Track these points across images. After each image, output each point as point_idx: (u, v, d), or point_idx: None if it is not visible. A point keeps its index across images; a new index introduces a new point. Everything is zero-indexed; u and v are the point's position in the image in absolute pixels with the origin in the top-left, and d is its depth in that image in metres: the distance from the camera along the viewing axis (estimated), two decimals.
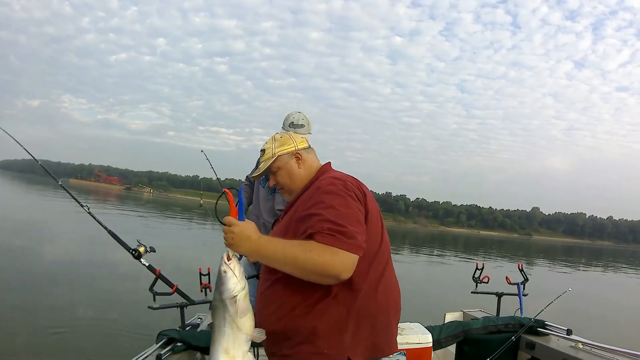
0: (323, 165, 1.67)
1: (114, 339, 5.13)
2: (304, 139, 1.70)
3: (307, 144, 1.69)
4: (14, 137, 2.75)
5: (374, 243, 1.44)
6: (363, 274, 1.37)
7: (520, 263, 3.92)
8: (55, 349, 4.93)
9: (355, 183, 1.48)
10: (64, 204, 23.65)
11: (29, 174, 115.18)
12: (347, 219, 1.31)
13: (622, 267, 32.20)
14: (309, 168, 1.63)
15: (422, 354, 2.59)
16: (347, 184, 1.44)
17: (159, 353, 2.17)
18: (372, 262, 1.42)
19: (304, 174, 1.61)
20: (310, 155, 1.67)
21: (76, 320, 5.96)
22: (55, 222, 18.68)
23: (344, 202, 1.36)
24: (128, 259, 2.51)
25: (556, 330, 2.96)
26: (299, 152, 1.63)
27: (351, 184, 1.45)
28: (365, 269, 1.38)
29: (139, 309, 5.44)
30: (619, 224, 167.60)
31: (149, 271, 2.49)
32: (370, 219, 1.44)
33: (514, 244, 64.54)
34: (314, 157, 1.68)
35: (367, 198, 1.47)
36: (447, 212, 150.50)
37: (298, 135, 1.70)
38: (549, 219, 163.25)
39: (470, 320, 3.23)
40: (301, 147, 1.65)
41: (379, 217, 1.51)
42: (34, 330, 5.38)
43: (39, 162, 2.88)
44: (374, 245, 1.44)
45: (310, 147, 1.69)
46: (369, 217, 1.43)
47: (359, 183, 1.52)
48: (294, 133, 1.74)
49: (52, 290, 7.48)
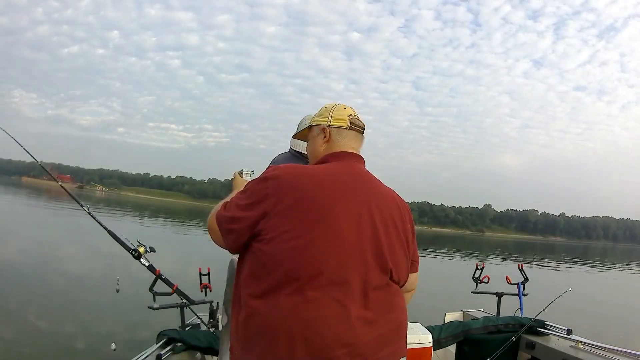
0: (329, 154, 1.42)
1: (114, 339, 5.08)
2: (350, 118, 1.45)
3: (347, 125, 1.44)
4: (14, 138, 2.73)
5: (277, 251, 1.18)
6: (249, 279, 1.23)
7: (520, 263, 3.93)
8: (55, 349, 4.91)
9: (264, 178, 1.28)
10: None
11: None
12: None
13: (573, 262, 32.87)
14: (329, 150, 1.44)
15: (422, 354, 2.58)
16: (256, 180, 1.31)
17: (159, 353, 2.17)
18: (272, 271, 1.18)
19: (321, 153, 1.45)
20: (345, 139, 1.43)
21: (76, 320, 5.95)
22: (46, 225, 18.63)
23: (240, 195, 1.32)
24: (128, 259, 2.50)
25: (556, 330, 2.97)
26: (327, 129, 1.44)
27: (259, 180, 1.29)
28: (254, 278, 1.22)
29: (139, 309, 5.42)
30: (571, 220, 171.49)
31: (149, 271, 2.48)
32: (278, 215, 1.20)
33: (467, 241, 64.70)
34: (347, 142, 1.44)
35: (281, 191, 1.22)
36: None
37: (346, 111, 1.46)
38: (500, 216, 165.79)
39: (470, 320, 3.23)
40: (335, 124, 1.44)
41: (304, 227, 1.19)
42: (33, 330, 5.37)
43: (39, 162, 2.86)
44: (277, 255, 1.18)
45: (349, 129, 1.44)
46: (273, 213, 1.20)
47: (281, 177, 1.25)
48: (347, 108, 1.49)
49: (52, 290, 7.48)
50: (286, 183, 1.23)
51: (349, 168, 1.36)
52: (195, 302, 2.61)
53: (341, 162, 1.38)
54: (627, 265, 34.09)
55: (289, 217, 1.19)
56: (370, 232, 1.25)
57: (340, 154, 1.41)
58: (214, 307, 2.64)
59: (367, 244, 1.24)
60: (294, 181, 1.24)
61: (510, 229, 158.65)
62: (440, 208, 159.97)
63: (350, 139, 1.44)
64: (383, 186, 1.40)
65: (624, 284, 21.02)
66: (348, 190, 1.27)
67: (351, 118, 1.45)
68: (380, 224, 1.28)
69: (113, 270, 9.01)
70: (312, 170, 1.33)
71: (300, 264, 1.16)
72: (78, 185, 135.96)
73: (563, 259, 36.04)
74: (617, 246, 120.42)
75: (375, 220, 1.27)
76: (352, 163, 1.40)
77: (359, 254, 1.22)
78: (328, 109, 1.47)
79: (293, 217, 1.19)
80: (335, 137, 1.43)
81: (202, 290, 2.71)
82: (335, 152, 1.42)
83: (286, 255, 1.16)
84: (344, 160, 1.39)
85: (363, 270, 1.22)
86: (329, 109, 1.47)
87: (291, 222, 1.19)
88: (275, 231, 1.19)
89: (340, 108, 1.47)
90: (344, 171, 1.33)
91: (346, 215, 1.23)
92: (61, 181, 3.02)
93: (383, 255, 1.26)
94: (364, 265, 1.22)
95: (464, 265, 19.34)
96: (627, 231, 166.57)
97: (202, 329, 2.63)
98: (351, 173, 1.34)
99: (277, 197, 1.21)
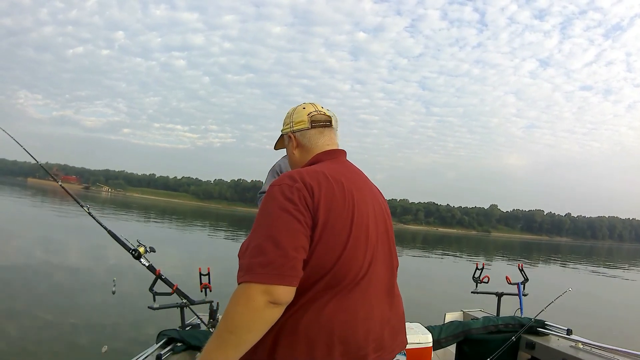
0: (316, 155, 1.35)
1: (114, 339, 5.13)
2: (310, 116, 1.37)
3: (307, 125, 1.36)
4: (14, 138, 2.76)
5: (325, 261, 1.12)
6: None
7: (520, 263, 3.92)
8: (55, 349, 4.93)
9: (297, 186, 1.14)
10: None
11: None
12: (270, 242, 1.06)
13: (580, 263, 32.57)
14: (304, 154, 1.37)
15: (422, 354, 2.58)
16: (282, 188, 1.14)
17: (159, 353, 2.17)
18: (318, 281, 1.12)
19: (299, 160, 1.38)
20: (313, 138, 1.36)
21: (76, 320, 5.97)
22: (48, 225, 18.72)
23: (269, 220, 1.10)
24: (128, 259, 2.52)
25: (556, 330, 2.96)
26: (292, 135, 1.38)
27: (288, 189, 1.13)
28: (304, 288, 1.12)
29: (139, 309, 5.45)
30: (577, 220, 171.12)
31: (149, 271, 2.49)
32: (324, 230, 1.12)
33: (473, 241, 64.59)
34: (317, 142, 1.36)
35: (320, 204, 1.13)
36: (405, 210, 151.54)
37: (305, 111, 1.38)
38: (507, 216, 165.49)
39: (470, 320, 3.22)
40: (297, 128, 1.37)
41: (344, 231, 1.15)
42: (32, 331, 5.39)
43: (39, 162, 2.88)
44: (325, 263, 1.12)
45: (314, 129, 1.37)
46: (318, 228, 1.12)
47: (312, 183, 1.15)
48: (306, 107, 1.41)
49: (53, 289, 7.52)
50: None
51: (346, 166, 1.34)
52: (195, 302, 2.61)
53: (335, 160, 1.35)
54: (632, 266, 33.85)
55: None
56: (383, 228, 1.29)
57: (319, 157, 1.34)
58: (214, 307, 2.64)
59: (383, 241, 1.27)
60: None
61: (516, 229, 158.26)
62: (447, 208, 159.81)
63: (319, 137, 1.37)
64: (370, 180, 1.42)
65: (625, 284, 20.87)
66: (358, 189, 1.26)
67: (311, 116, 1.37)
68: (388, 219, 1.34)
69: (115, 270, 9.09)
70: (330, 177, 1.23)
71: (338, 268, 1.13)
72: (84, 186, 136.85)
73: (567, 259, 35.92)
74: (622, 246, 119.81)
75: (384, 216, 1.32)
76: (341, 160, 1.37)
77: (382, 251, 1.25)
78: (289, 115, 1.42)
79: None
80: (302, 140, 1.37)
81: (202, 290, 2.72)
82: (317, 154, 1.35)
83: (326, 262, 1.13)
84: (337, 158, 1.36)
85: (385, 266, 1.26)
86: (290, 114, 1.41)
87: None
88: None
89: (299, 110, 1.40)
90: (343, 171, 1.31)
91: (367, 214, 1.23)
92: (62, 181, 3.03)
93: (393, 250, 1.32)
94: (385, 262, 1.27)
95: (466, 266, 19.28)
96: (632, 231, 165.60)
97: (202, 329, 2.64)
98: (352, 171, 1.34)
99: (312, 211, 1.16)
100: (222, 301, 2.48)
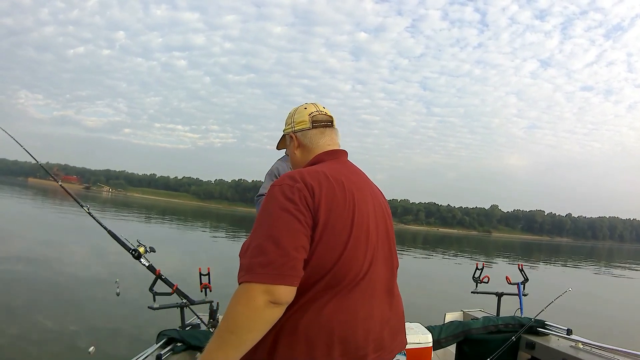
0: (317, 155, 1.36)
1: (114, 339, 5.14)
2: (311, 117, 1.39)
3: (309, 125, 1.37)
4: (14, 138, 2.76)
5: (325, 261, 1.12)
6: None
7: (520, 263, 3.92)
8: (55, 349, 4.94)
9: (297, 186, 1.13)
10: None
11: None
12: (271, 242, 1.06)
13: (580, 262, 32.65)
14: (306, 154, 1.38)
15: (422, 354, 2.58)
16: (282, 188, 1.13)
17: (159, 353, 2.18)
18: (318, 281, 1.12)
19: (300, 160, 1.39)
20: (314, 138, 1.37)
21: (76, 320, 5.97)
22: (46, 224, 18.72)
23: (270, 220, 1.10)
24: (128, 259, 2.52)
25: (556, 330, 2.96)
26: (294, 135, 1.40)
27: (288, 189, 1.13)
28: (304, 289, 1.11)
29: (139, 309, 5.45)
30: (578, 220, 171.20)
31: (149, 271, 2.49)
32: (325, 230, 1.12)
33: (474, 241, 64.49)
34: (319, 142, 1.37)
35: (321, 204, 1.13)
36: (406, 210, 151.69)
37: (306, 111, 1.40)
38: (507, 217, 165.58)
39: (470, 320, 3.22)
40: (299, 128, 1.39)
41: (345, 231, 1.15)
42: (36, 328, 5.40)
43: (39, 163, 2.88)
44: (325, 263, 1.12)
45: (315, 129, 1.38)
46: (319, 228, 1.12)
47: (313, 183, 1.15)
48: (307, 107, 1.42)
49: (54, 289, 7.53)
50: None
51: (347, 166, 1.34)
52: (195, 302, 2.61)
53: (336, 160, 1.35)
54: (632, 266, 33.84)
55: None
56: (383, 228, 1.29)
57: (320, 157, 1.35)
58: (214, 307, 2.64)
59: (384, 241, 1.27)
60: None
61: (517, 230, 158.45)
62: (447, 209, 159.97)
63: (320, 137, 1.38)
64: (371, 180, 1.42)
65: (625, 284, 20.87)
66: (359, 190, 1.26)
67: (312, 116, 1.39)
68: (388, 219, 1.34)
69: (115, 270, 9.09)
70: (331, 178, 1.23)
71: (339, 268, 1.13)
72: (85, 186, 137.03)
73: (568, 259, 35.90)
74: (623, 247, 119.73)
75: (385, 217, 1.32)
76: (342, 160, 1.37)
77: (382, 251, 1.26)
78: (290, 115, 1.43)
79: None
80: (304, 140, 1.38)
81: (202, 290, 2.72)
82: (318, 154, 1.35)
83: (326, 261, 1.13)
84: (338, 158, 1.36)
85: (386, 267, 1.26)
86: (291, 115, 1.43)
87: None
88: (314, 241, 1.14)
89: (300, 110, 1.42)
90: (344, 171, 1.30)
91: (367, 214, 1.23)
92: (62, 181, 3.04)
93: (393, 251, 1.32)
94: (385, 262, 1.27)
95: (466, 266, 19.29)
96: (633, 231, 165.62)
97: (202, 329, 2.64)
98: (353, 171, 1.34)
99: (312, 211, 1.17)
100: (222, 301, 2.48)
